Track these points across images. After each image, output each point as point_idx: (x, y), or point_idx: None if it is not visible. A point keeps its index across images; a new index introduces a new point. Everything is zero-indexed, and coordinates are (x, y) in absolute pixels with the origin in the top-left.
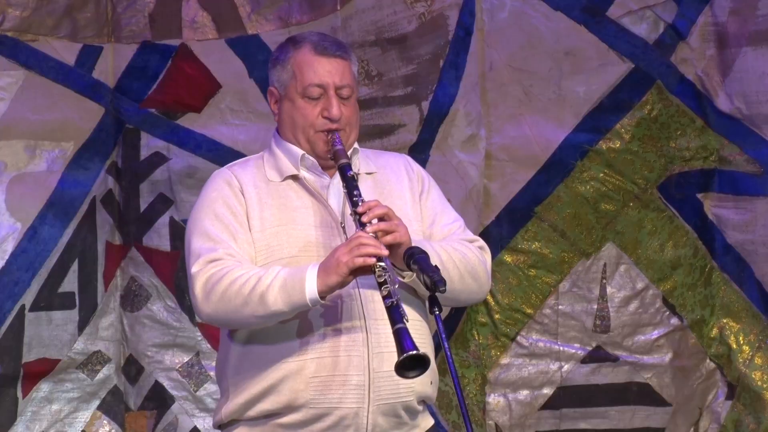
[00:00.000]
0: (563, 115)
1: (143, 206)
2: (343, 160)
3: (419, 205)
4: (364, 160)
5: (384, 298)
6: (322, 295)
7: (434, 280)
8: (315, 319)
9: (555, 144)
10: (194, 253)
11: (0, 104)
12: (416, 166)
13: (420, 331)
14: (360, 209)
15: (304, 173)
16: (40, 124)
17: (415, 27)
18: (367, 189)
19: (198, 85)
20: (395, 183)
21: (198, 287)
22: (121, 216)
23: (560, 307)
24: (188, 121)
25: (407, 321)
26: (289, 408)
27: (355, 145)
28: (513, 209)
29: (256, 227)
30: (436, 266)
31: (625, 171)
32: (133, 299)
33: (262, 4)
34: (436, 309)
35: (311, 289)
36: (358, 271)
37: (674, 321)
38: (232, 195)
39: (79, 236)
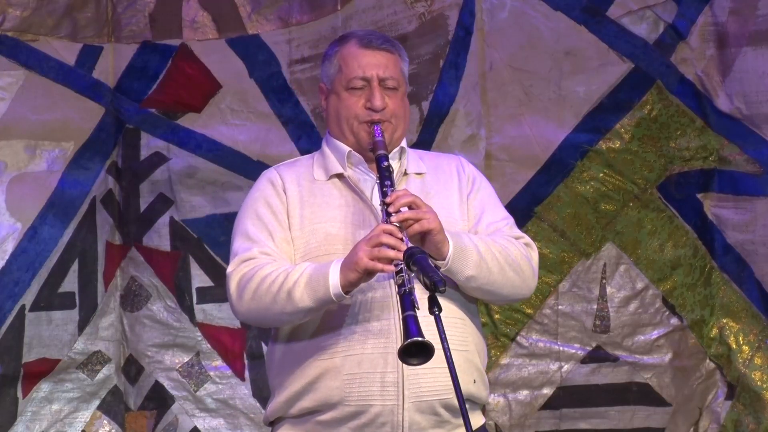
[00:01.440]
0: (563, 115)
1: (143, 206)
2: (381, 151)
3: (466, 204)
4: (414, 160)
5: (398, 286)
6: (346, 290)
7: (433, 280)
8: (348, 315)
9: (555, 144)
10: (232, 254)
11: (0, 104)
12: (468, 167)
13: (459, 328)
14: (388, 199)
15: (350, 171)
16: (40, 124)
17: (415, 27)
18: (414, 189)
19: (198, 85)
20: (444, 184)
21: (232, 287)
22: (121, 216)
23: (560, 307)
24: (188, 121)
25: (418, 309)
26: (327, 405)
27: (404, 143)
28: (513, 209)
29: (295, 225)
30: (435, 266)
31: (625, 171)
32: (133, 299)
33: (262, 4)
34: (436, 309)
35: (335, 284)
36: (374, 272)
37: (674, 321)
38: (274, 194)
39: (79, 236)
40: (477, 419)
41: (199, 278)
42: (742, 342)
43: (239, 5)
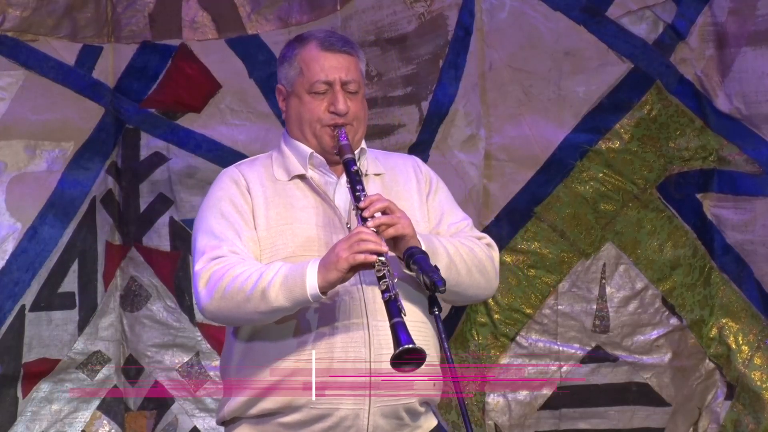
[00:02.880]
0: (563, 115)
1: (143, 206)
2: (348, 155)
3: (426, 206)
4: (372, 161)
5: (382, 292)
6: (323, 290)
7: (433, 280)
8: (316, 318)
9: (554, 144)
10: (198, 251)
11: (0, 104)
12: (425, 168)
13: (423, 332)
14: (362, 204)
15: (311, 172)
16: (40, 124)
17: (414, 27)
18: (374, 190)
19: (198, 85)
20: (403, 184)
21: (201, 284)
22: (121, 216)
23: (560, 307)
24: (188, 121)
25: (405, 315)
26: (290, 408)
27: (363, 145)
28: (512, 209)
29: (261, 226)
30: (435, 266)
31: (624, 171)
32: (133, 299)
33: (262, 4)
34: (436, 309)
35: (312, 284)
36: (357, 267)
37: (673, 321)
38: (239, 193)
39: (79, 236)
40: (430, 421)
41: None
42: (741, 342)
43: (239, 5)
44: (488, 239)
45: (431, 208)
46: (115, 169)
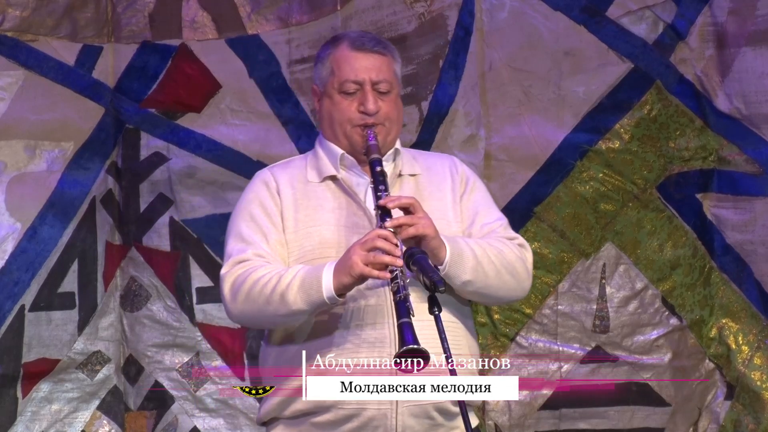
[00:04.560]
0: (563, 115)
1: (143, 206)
2: (374, 155)
3: (460, 206)
4: (408, 162)
5: (393, 293)
6: (339, 293)
7: (433, 280)
8: (342, 319)
9: (554, 144)
10: (226, 254)
11: (0, 104)
12: (461, 167)
13: (453, 332)
14: (381, 202)
15: (343, 173)
16: (40, 124)
17: (414, 27)
18: (408, 190)
19: (198, 85)
20: (437, 185)
21: (226, 288)
22: (121, 216)
23: (560, 307)
24: (188, 121)
25: (413, 316)
26: (320, 408)
27: (398, 145)
28: (512, 209)
29: (289, 228)
30: (435, 266)
31: (624, 171)
32: (132, 299)
33: (262, 4)
34: (436, 309)
35: (328, 287)
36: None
37: (673, 321)
38: (269, 196)
39: (79, 236)
40: (471, 421)
41: (199, 278)
42: (741, 342)
43: (239, 5)
44: (520, 240)
45: (464, 209)
46: (115, 169)
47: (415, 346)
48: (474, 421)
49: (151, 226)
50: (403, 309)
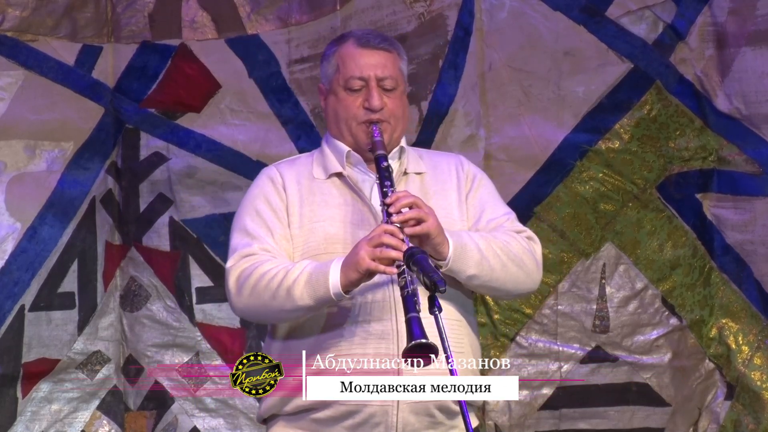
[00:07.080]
0: (562, 115)
1: (143, 206)
2: (379, 152)
3: (465, 204)
4: (414, 160)
5: (401, 287)
6: (346, 290)
7: (434, 280)
8: (345, 316)
9: (554, 144)
10: (231, 249)
11: (0, 104)
12: (467, 165)
13: (456, 330)
14: (388, 200)
15: (349, 170)
16: (40, 124)
17: (414, 27)
18: (413, 189)
19: (198, 85)
20: (443, 183)
21: (231, 281)
22: (121, 216)
23: (559, 307)
24: (188, 121)
25: (420, 311)
26: (322, 403)
27: (403, 143)
28: (512, 209)
29: (294, 223)
30: (435, 266)
31: (624, 171)
32: (132, 299)
33: (261, 4)
34: (436, 309)
35: (335, 283)
36: (377, 272)
37: (673, 321)
38: (274, 191)
39: (79, 236)
40: (472, 421)
41: (199, 278)
42: (741, 342)
43: (238, 5)
44: (529, 232)
45: (470, 206)
46: (114, 169)
47: (424, 341)
48: (474, 422)
49: (151, 226)
50: (411, 304)
